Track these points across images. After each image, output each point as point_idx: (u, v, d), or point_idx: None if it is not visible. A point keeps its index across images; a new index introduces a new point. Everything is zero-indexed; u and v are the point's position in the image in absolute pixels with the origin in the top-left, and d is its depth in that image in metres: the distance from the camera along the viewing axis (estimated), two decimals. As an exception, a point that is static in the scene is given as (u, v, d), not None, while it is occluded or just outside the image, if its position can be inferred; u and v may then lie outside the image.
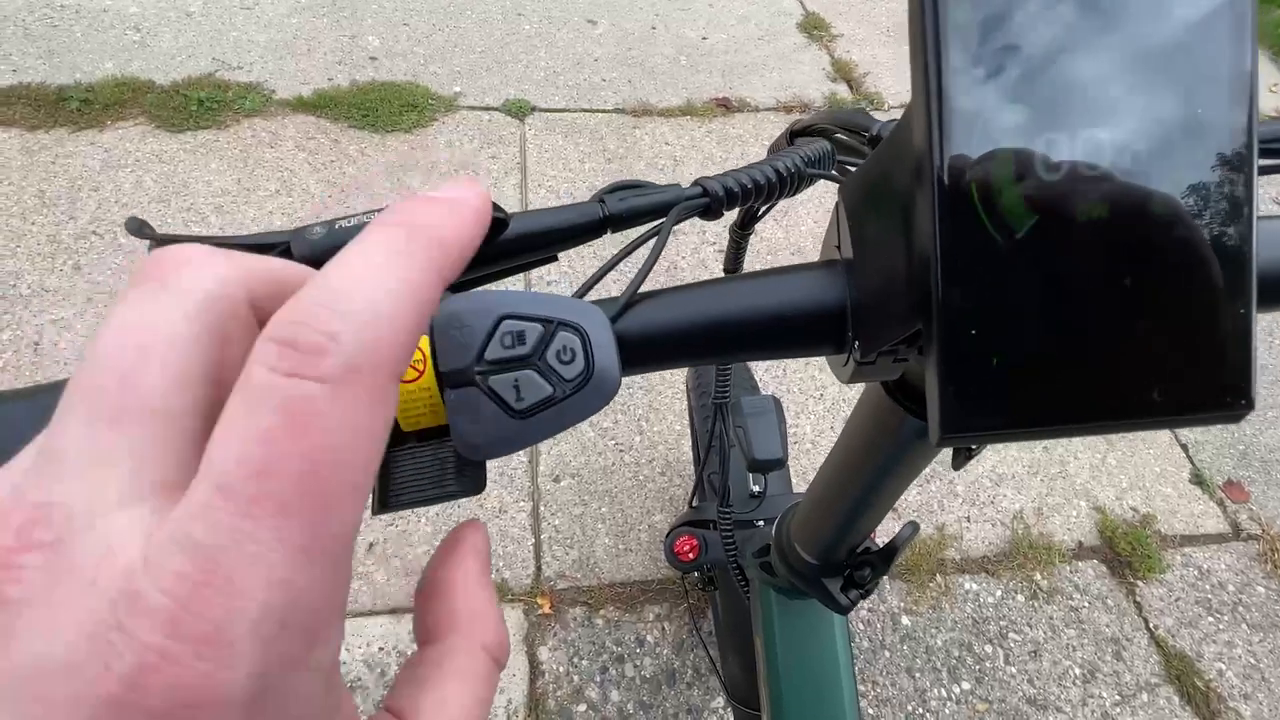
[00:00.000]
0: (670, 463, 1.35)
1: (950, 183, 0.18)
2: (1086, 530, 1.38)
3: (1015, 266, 0.18)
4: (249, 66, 1.89)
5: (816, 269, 0.25)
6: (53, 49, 1.82)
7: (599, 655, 1.14)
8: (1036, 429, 0.20)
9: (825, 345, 0.25)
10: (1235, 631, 1.28)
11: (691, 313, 0.25)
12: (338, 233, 0.23)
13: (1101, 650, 1.24)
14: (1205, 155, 0.18)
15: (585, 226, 0.26)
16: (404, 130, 1.81)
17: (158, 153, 1.66)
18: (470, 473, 0.22)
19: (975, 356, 0.19)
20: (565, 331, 0.21)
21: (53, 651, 0.11)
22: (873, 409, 0.34)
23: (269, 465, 0.12)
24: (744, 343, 0.25)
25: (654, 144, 1.92)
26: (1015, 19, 0.18)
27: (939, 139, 0.18)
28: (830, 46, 2.33)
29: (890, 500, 0.41)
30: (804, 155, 0.31)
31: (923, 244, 0.19)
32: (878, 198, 0.23)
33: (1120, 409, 0.19)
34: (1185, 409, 0.19)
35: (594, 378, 0.21)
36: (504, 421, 0.21)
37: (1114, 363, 0.19)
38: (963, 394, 0.19)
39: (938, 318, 0.19)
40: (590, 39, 2.19)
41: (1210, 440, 1.54)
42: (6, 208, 1.51)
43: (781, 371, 1.51)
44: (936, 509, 1.37)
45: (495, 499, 1.27)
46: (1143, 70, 0.18)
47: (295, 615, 0.12)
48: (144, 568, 0.12)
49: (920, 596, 1.27)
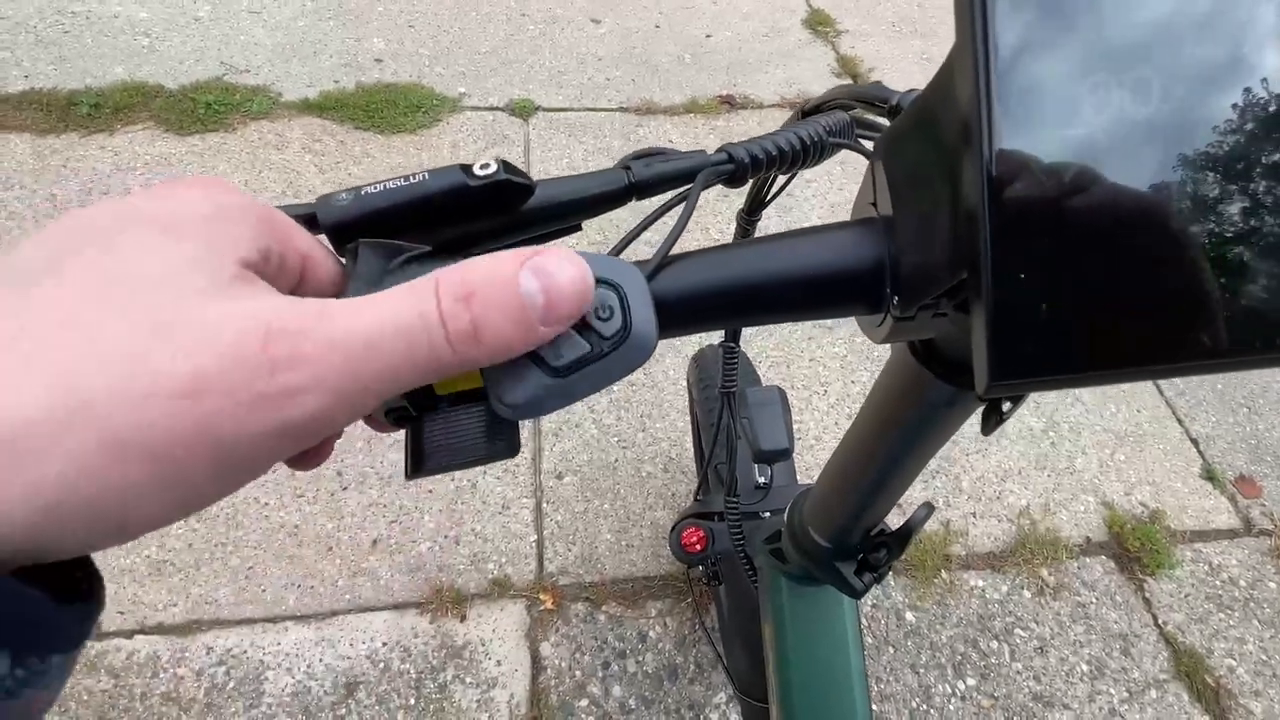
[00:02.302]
0: (673, 459, 1.35)
1: (997, 131, 0.18)
2: (1094, 526, 1.37)
3: (1067, 207, 0.18)
4: (256, 70, 1.91)
5: (853, 226, 0.25)
6: (64, 55, 1.85)
7: (601, 651, 1.14)
8: (1085, 374, 0.19)
9: (862, 303, 0.25)
10: (1246, 628, 1.27)
11: (727, 273, 0.24)
12: (364, 199, 0.23)
13: (1109, 646, 1.22)
14: (1259, 105, 0.18)
15: (611, 194, 0.26)
16: (409, 131, 1.82)
17: (166, 155, 1.68)
18: (503, 436, 0.22)
19: (1023, 303, 0.18)
20: (603, 288, 0.21)
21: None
22: (898, 378, 0.33)
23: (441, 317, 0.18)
24: (781, 303, 0.25)
25: (658, 141, 1.92)
26: None
27: (985, 87, 0.18)
28: (835, 42, 2.32)
29: (912, 475, 0.40)
30: (826, 125, 0.31)
31: (970, 194, 0.19)
32: (919, 147, 0.22)
33: (1170, 354, 0.19)
34: (1237, 351, 0.19)
35: (632, 335, 0.21)
36: (542, 380, 0.20)
37: (1166, 307, 0.18)
38: (1011, 341, 0.19)
39: (986, 265, 0.18)
40: (594, 38, 2.19)
41: (1222, 435, 1.52)
42: (19, 211, 1.54)
43: (786, 367, 1.51)
44: (942, 505, 1.36)
45: (498, 495, 1.27)
46: (1199, 22, 0.18)
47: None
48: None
49: (925, 592, 1.26)
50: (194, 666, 1.06)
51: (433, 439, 0.21)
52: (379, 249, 0.23)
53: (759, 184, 0.46)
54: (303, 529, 1.20)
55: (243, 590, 1.13)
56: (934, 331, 0.28)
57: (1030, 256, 0.18)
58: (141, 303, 0.16)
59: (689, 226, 1.49)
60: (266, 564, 1.16)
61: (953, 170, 0.20)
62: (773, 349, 1.53)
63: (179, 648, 1.07)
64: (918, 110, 0.23)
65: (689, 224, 0.27)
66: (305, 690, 1.06)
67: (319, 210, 0.23)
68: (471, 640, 1.12)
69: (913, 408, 0.33)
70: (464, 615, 1.15)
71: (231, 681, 1.05)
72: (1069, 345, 0.19)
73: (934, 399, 0.31)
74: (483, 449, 0.21)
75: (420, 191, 0.23)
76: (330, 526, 1.21)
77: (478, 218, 0.24)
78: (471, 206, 0.24)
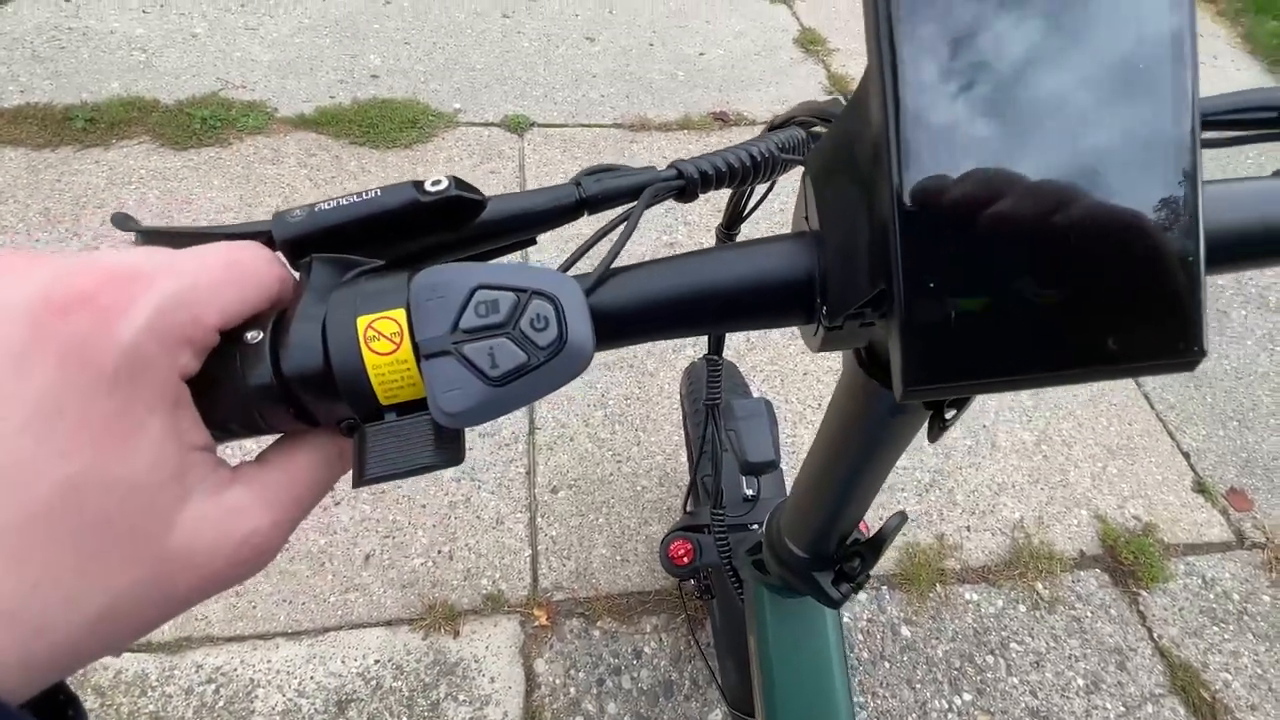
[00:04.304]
0: (668, 473, 1.35)
1: (906, 147, 0.19)
2: (1088, 539, 1.37)
3: (969, 222, 0.19)
4: (253, 85, 1.92)
5: (786, 240, 0.25)
6: (60, 70, 1.86)
7: (596, 667, 1.13)
8: (994, 380, 0.20)
9: (795, 314, 0.25)
10: (1241, 641, 1.27)
11: (665, 285, 0.25)
12: (317, 215, 0.24)
13: (1105, 661, 1.22)
14: (1153, 118, 0.19)
15: (562, 209, 0.27)
16: (404, 146, 1.83)
17: (161, 170, 1.69)
18: (448, 444, 0.22)
19: (934, 312, 0.19)
20: (539, 300, 0.22)
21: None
22: (849, 386, 0.34)
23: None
24: (716, 314, 0.25)
25: (651, 157, 1.93)
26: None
27: (894, 106, 0.19)
28: (826, 61, 2.35)
29: (875, 483, 0.41)
30: (778, 141, 0.32)
31: (882, 208, 0.19)
32: (840, 169, 0.23)
33: (1076, 358, 0.20)
34: (1140, 356, 0.20)
35: (567, 345, 0.22)
36: (480, 389, 0.21)
37: (1069, 313, 0.19)
38: (923, 348, 0.20)
39: (897, 276, 0.19)
40: (589, 55, 2.21)
41: (1212, 448, 1.53)
42: (12, 225, 1.53)
43: (780, 381, 1.51)
44: (936, 518, 1.36)
45: (492, 510, 1.27)
46: (1090, 37, 0.18)
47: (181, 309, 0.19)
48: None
49: (920, 607, 1.25)
50: (182, 685, 1.04)
51: (377, 448, 0.22)
52: (332, 263, 0.23)
53: (736, 198, 0.47)
54: (294, 544, 1.19)
55: (233, 607, 1.12)
56: (863, 340, 0.29)
57: (938, 269, 0.19)
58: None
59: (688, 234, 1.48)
60: (257, 580, 1.15)
61: (868, 188, 0.20)
62: (766, 364, 1.54)
63: (168, 666, 1.06)
64: (838, 131, 0.24)
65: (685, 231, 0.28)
66: (296, 709, 1.04)
67: (274, 227, 0.24)
68: (465, 657, 1.11)
69: (864, 415, 0.34)
70: (457, 631, 1.14)
71: (221, 700, 1.04)
72: (978, 352, 0.20)
73: (880, 406, 0.32)
74: (427, 457, 0.22)
75: (372, 208, 0.24)
76: (323, 542, 1.20)
77: (430, 232, 0.25)
78: (423, 222, 0.24)
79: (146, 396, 0.18)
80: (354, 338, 0.21)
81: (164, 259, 0.20)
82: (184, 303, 0.19)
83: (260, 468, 0.22)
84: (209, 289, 0.20)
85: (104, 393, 0.17)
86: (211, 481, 0.20)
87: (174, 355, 0.19)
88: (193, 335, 0.19)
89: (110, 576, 0.18)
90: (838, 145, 0.24)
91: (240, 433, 0.22)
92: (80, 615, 0.17)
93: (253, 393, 0.21)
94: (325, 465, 0.23)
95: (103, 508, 0.17)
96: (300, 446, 0.23)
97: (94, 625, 0.18)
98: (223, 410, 0.21)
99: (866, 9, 0.19)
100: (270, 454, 0.23)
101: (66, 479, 0.17)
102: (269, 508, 0.21)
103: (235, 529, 0.20)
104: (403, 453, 0.22)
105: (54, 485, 0.17)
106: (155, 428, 0.18)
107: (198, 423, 0.20)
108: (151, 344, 0.18)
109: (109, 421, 0.17)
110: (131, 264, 0.19)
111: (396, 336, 0.21)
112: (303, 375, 0.21)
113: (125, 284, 0.18)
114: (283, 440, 0.24)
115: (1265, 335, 1.76)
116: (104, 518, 0.17)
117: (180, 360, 0.19)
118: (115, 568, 0.18)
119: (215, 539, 0.19)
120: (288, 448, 0.23)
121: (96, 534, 0.17)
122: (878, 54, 0.19)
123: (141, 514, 0.18)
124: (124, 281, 0.18)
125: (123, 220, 0.25)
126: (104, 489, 0.17)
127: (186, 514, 0.19)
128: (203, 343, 0.20)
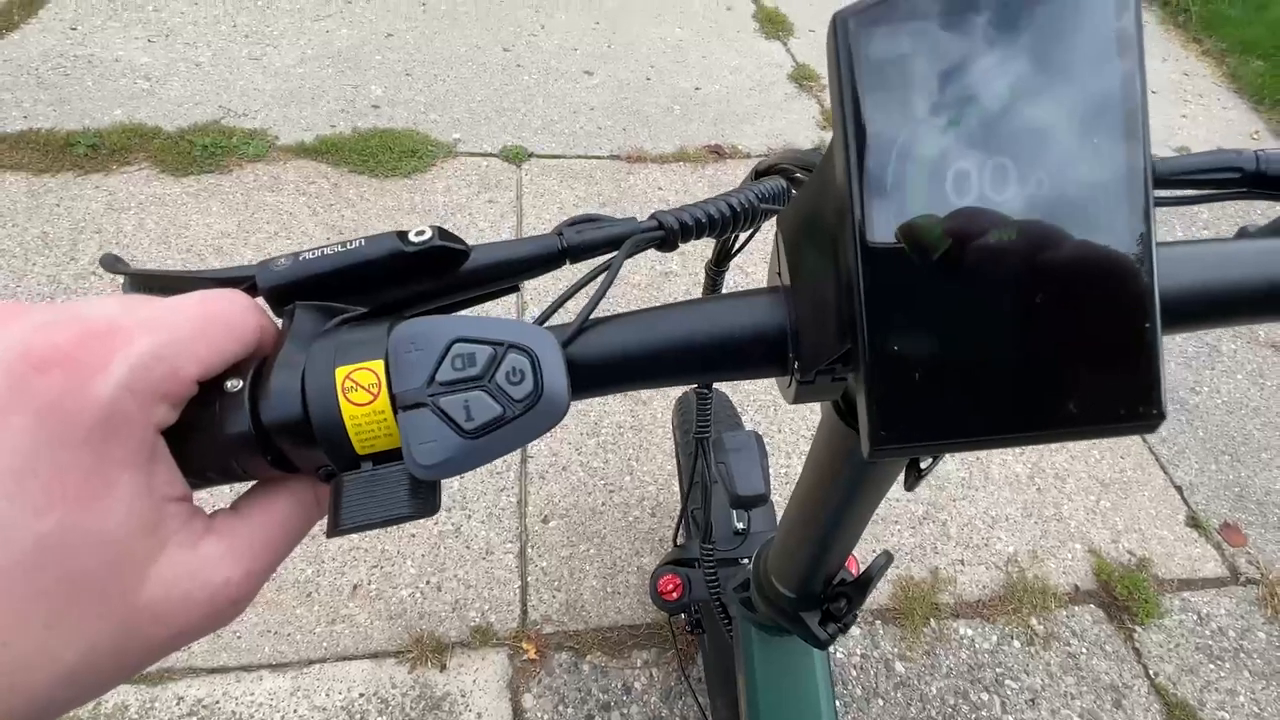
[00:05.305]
0: (660, 503, 1.34)
1: (869, 212, 0.19)
2: (1082, 574, 1.36)
3: (932, 287, 0.19)
4: (254, 114, 1.94)
5: (760, 295, 0.26)
6: (64, 97, 1.88)
7: (585, 703, 1.11)
8: (958, 440, 0.20)
9: (769, 367, 0.26)
10: (1237, 679, 1.25)
11: (641, 338, 0.25)
12: (301, 264, 0.24)
13: (1101, 699, 1.21)
14: (1105, 183, 0.19)
15: (544, 258, 0.27)
16: (403, 175, 1.85)
17: (160, 196, 1.70)
18: (423, 494, 0.22)
19: (899, 372, 0.20)
20: (515, 354, 0.22)
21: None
22: (828, 434, 0.34)
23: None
24: (691, 366, 0.26)
25: (647, 188, 1.96)
26: (922, 62, 0.19)
27: (857, 172, 0.19)
28: (821, 97, 2.40)
29: (857, 526, 0.41)
30: (758, 192, 0.33)
31: (848, 269, 0.20)
32: (809, 228, 0.24)
33: (1038, 420, 0.20)
34: (1100, 419, 0.20)
35: (543, 398, 0.22)
36: (454, 441, 0.21)
37: (1029, 376, 0.20)
38: (889, 408, 0.20)
39: (862, 337, 0.20)
40: (587, 89, 2.25)
41: (1205, 483, 1.53)
42: (9, 248, 1.54)
43: (774, 412, 1.51)
44: (930, 552, 1.35)
45: (482, 540, 1.26)
46: (1044, 106, 0.19)
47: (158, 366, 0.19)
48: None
49: (914, 642, 1.24)
50: (163, 717, 1.02)
51: (352, 497, 0.22)
52: (315, 311, 0.24)
53: (723, 238, 0.48)
54: (281, 574, 1.17)
55: (217, 637, 1.10)
56: (836, 393, 0.29)
57: (901, 331, 0.20)
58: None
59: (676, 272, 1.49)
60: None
61: (834, 249, 0.21)
62: (761, 392, 1.54)
63: (149, 697, 1.04)
64: (808, 191, 0.24)
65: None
66: (277, 743, 1.02)
67: (258, 274, 0.24)
68: (451, 691, 1.09)
69: (843, 463, 0.35)
70: (444, 665, 1.12)
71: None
72: (942, 414, 0.20)
73: (858, 454, 0.32)
74: (402, 508, 0.22)
75: (356, 258, 0.24)
76: (310, 571, 1.18)
77: (414, 281, 0.25)
78: (406, 271, 0.25)
79: (122, 453, 0.18)
80: (332, 388, 0.22)
81: (142, 312, 0.20)
82: (161, 357, 0.19)
83: (235, 516, 0.22)
84: (187, 341, 0.20)
85: (80, 450, 0.17)
86: (186, 533, 0.20)
87: (151, 410, 0.19)
88: (170, 389, 0.20)
89: (84, 630, 0.18)
90: (807, 204, 0.24)
91: (217, 480, 0.22)
92: (54, 669, 0.17)
93: (231, 442, 0.21)
94: (301, 513, 0.23)
95: (76, 563, 0.17)
96: (277, 494, 0.23)
97: (67, 678, 0.18)
98: (200, 459, 0.21)
99: (831, 77, 0.20)
100: (245, 502, 0.23)
101: (40, 536, 0.17)
102: (242, 558, 0.21)
103: (209, 580, 0.20)
104: (378, 503, 0.22)
105: (28, 542, 0.17)
106: (130, 483, 0.18)
107: (174, 474, 0.20)
108: (128, 400, 0.18)
109: (84, 478, 0.17)
110: (109, 319, 0.19)
111: (374, 388, 0.22)
112: (281, 424, 0.22)
113: (103, 340, 0.18)
114: (258, 487, 0.24)
115: (1255, 370, 1.78)
116: (77, 573, 0.17)
117: (157, 414, 0.19)
118: (89, 622, 0.18)
119: (188, 591, 0.19)
120: (264, 495, 0.23)
121: (69, 589, 0.17)
122: (842, 120, 0.20)
123: (115, 568, 0.18)
124: (101, 337, 0.18)
125: (112, 262, 0.25)
126: (78, 545, 0.17)
127: (160, 567, 0.19)
128: (180, 395, 0.20)
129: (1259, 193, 0.30)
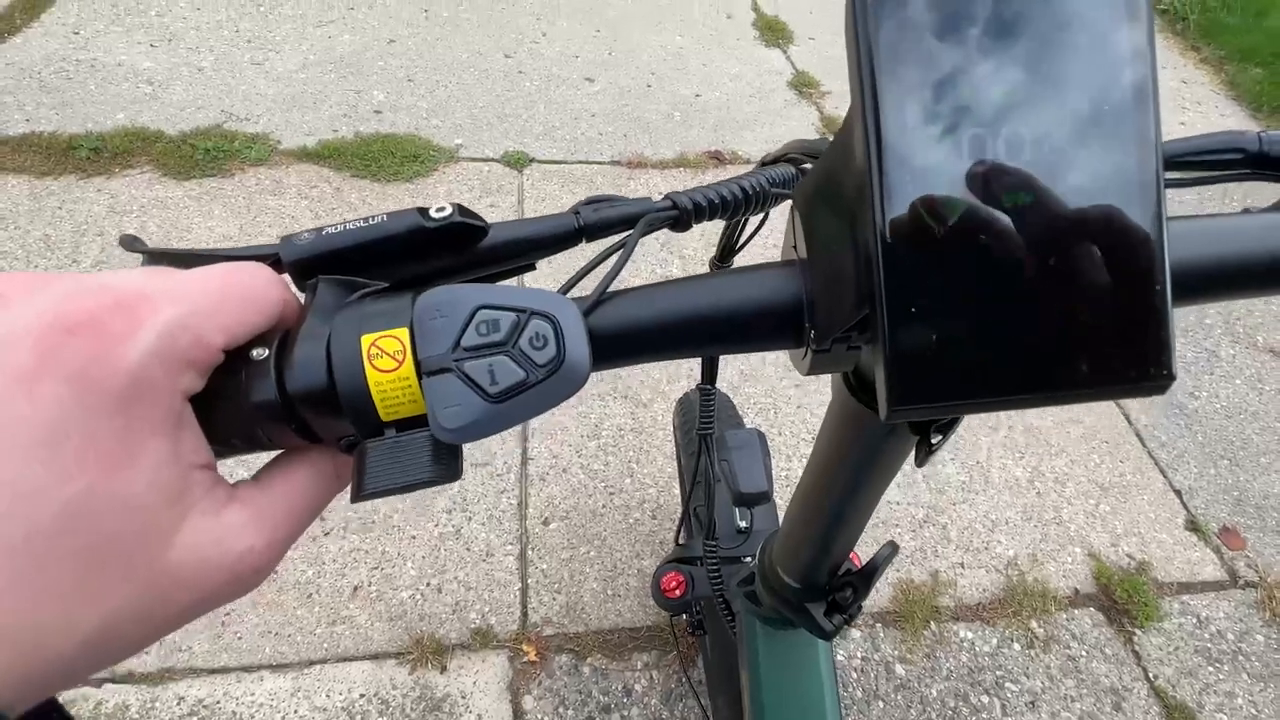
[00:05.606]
0: (661, 506, 1.34)
1: (887, 178, 0.20)
2: (1082, 577, 1.36)
3: (948, 251, 0.20)
4: (256, 118, 1.95)
5: (775, 267, 0.26)
6: (66, 100, 1.89)
7: (585, 705, 1.11)
8: (972, 400, 0.21)
9: (785, 337, 0.26)
10: (1236, 681, 1.26)
11: (659, 309, 0.26)
12: (324, 238, 0.24)
13: (1101, 701, 1.21)
14: (1119, 149, 0.20)
15: (561, 236, 0.28)
16: (405, 179, 1.86)
17: (162, 199, 1.70)
18: (446, 460, 0.23)
19: (916, 335, 0.20)
20: (538, 320, 0.22)
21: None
22: (838, 412, 0.34)
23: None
24: (709, 337, 0.26)
25: (647, 193, 1.96)
26: (939, 33, 0.20)
27: (876, 144, 0.20)
28: (820, 104, 2.41)
29: (866, 509, 0.41)
30: (769, 176, 0.33)
31: (866, 237, 0.20)
32: (825, 201, 0.24)
33: (1052, 381, 0.20)
34: (1113, 380, 0.20)
35: (565, 364, 0.22)
36: (479, 405, 0.22)
37: (1044, 338, 0.20)
38: (907, 370, 0.20)
39: (881, 302, 0.20)
40: (588, 95, 2.27)
41: (1204, 487, 1.54)
42: (12, 251, 1.54)
43: (774, 414, 1.52)
44: (930, 555, 1.35)
45: (483, 542, 1.26)
46: (1060, 77, 0.20)
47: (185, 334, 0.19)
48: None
49: (914, 645, 1.24)
50: (164, 717, 1.02)
51: (376, 463, 0.22)
52: (337, 285, 0.24)
53: (729, 232, 0.48)
54: (282, 574, 1.17)
55: (218, 638, 1.10)
56: (850, 364, 0.29)
57: (920, 295, 0.20)
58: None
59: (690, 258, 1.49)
60: (243, 611, 1.13)
61: (852, 220, 0.22)
62: (761, 395, 1.55)
63: (150, 697, 1.04)
64: (824, 165, 0.25)
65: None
66: (277, 745, 1.02)
67: (281, 250, 0.24)
68: (451, 693, 1.09)
69: (853, 440, 0.35)
70: (444, 666, 1.12)
71: (201, 735, 1.01)
72: (959, 374, 0.21)
73: (869, 429, 0.33)
74: (425, 472, 0.22)
75: (378, 232, 0.24)
76: (310, 573, 1.18)
77: (434, 257, 0.26)
78: (427, 246, 0.25)
79: (150, 419, 0.18)
80: (357, 355, 0.22)
81: (169, 281, 0.20)
82: (188, 325, 0.20)
83: (258, 486, 0.22)
84: (213, 310, 0.20)
85: (108, 416, 0.18)
86: (210, 500, 0.20)
87: (178, 377, 0.19)
88: (197, 356, 0.20)
89: (107, 595, 0.18)
90: (823, 179, 0.25)
91: (242, 448, 0.23)
92: (77, 632, 0.18)
93: (257, 409, 0.22)
94: (322, 483, 0.24)
95: (103, 528, 0.17)
96: (299, 464, 0.24)
97: (90, 642, 0.18)
98: (226, 427, 0.22)
99: (850, 52, 0.21)
100: (268, 472, 0.23)
101: (69, 500, 0.17)
102: (265, 527, 0.21)
103: (232, 547, 0.20)
104: (401, 468, 0.22)
105: (57, 506, 0.17)
106: (157, 450, 0.19)
107: (199, 441, 0.20)
108: (156, 367, 0.19)
109: (112, 444, 0.18)
110: (137, 287, 0.19)
111: (399, 354, 0.22)
112: (307, 392, 0.22)
113: (131, 307, 0.19)
114: (281, 457, 0.24)
115: (1254, 375, 1.78)
116: (104, 538, 0.18)
117: (184, 381, 0.20)
118: (113, 586, 0.18)
119: (212, 558, 0.20)
120: (286, 465, 0.24)
121: (95, 553, 0.17)
122: (860, 94, 0.20)
123: (140, 534, 0.18)
124: (130, 305, 0.19)
125: (130, 241, 0.26)
126: (105, 510, 0.17)
127: (184, 533, 0.19)
128: (207, 362, 0.20)
129: (1261, 173, 0.30)
